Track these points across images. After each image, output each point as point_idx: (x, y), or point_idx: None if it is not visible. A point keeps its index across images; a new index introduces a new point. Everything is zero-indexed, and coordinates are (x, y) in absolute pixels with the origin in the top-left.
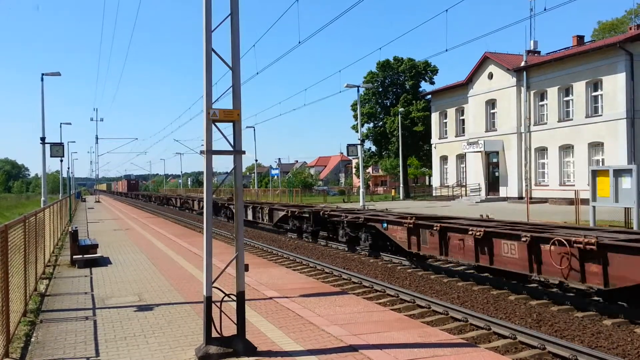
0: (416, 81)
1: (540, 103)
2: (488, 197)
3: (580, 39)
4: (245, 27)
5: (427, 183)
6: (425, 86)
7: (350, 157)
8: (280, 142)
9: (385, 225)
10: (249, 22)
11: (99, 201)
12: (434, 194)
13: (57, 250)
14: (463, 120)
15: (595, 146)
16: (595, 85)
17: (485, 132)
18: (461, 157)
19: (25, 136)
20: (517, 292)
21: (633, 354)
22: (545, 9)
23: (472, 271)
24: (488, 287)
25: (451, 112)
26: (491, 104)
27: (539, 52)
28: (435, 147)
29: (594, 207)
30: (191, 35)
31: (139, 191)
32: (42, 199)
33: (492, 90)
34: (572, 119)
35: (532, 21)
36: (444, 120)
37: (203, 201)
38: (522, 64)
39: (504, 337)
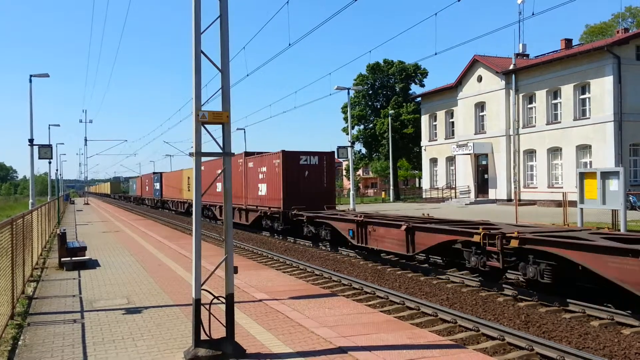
0: (406, 84)
1: (529, 106)
2: (477, 199)
3: (568, 42)
4: (235, 29)
5: (417, 185)
6: (415, 89)
7: (340, 159)
8: (271, 144)
9: None
10: (239, 24)
11: (87, 203)
12: (424, 196)
13: (45, 252)
14: (452, 122)
15: (583, 149)
16: (583, 89)
17: (475, 134)
18: (451, 160)
19: (13, 138)
20: (505, 293)
21: (620, 355)
22: (533, 14)
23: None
24: (477, 289)
25: (441, 114)
26: (480, 106)
27: (527, 55)
28: (425, 150)
29: (581, 209)
30: (180, 37)
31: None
32: (30, 201)
33: (481, 93)
34: (560, 122)
35: (521, 25)
36: (434, 123)
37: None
38: (511, 67)
39: (493, 338)
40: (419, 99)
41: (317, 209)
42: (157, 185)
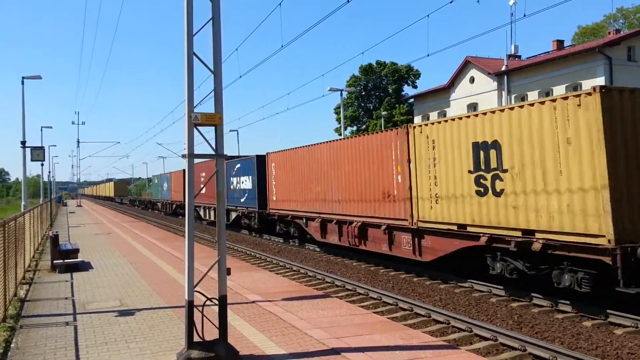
0: (399, 85)
1: None
2: None
3: (560, 43)
4: (228, 31)
5: None
6: (407, 90)
7: None
8: (264, 145)
9: None
10: (232, 26)
11: (80, 205)
12: None
13: (37, 255)
14: None
15: None
16: (575, 89)
17: None
18: None
19: (6, 140)
20: (498, 294)
21: (612, 355)
22: (524, 15)
23: None
24: (470, 290)
25: (434, 115)
26: (473, 107)
27: (519, 57)
28: None
29: None
30: (173, 39)
31: None
32: (23, 203)
33: (473, 94)
34: None
35: (513, 26)
36: None
37: None
38: (503, 68)
39: (485, 339)
40: (412, 100)
41: None
42: (248, 182)
